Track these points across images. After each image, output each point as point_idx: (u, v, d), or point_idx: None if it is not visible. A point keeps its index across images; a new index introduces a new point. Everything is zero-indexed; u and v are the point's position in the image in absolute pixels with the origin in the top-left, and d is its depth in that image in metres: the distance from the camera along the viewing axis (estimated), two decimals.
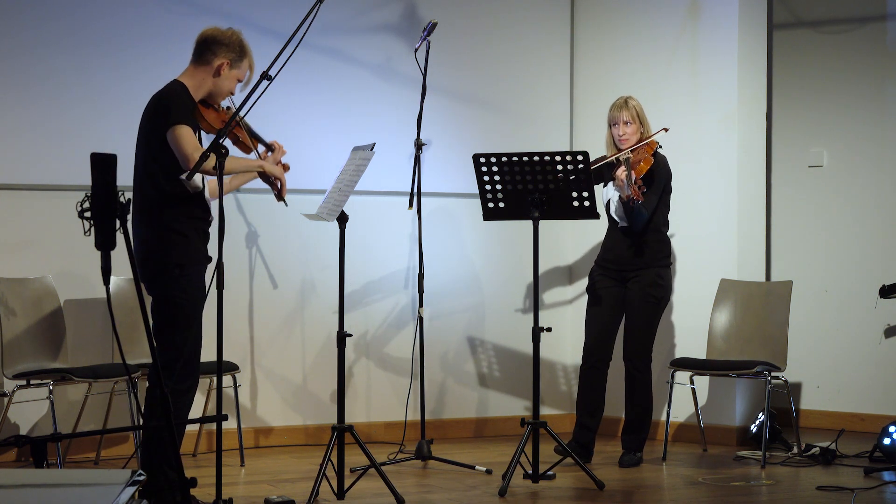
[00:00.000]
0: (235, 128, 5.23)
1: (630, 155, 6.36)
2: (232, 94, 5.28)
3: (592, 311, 6.56)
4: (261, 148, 5.39)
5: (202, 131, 5.24)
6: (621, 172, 6.21)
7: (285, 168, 5.42)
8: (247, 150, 5.35)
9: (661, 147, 6.46)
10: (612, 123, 6.48)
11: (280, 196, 5.36)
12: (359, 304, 7.19)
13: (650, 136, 6.43)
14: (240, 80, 5.28)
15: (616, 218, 6.50)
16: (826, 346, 7.72)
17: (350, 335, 5.67)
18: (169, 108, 5.08)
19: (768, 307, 6.92)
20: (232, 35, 5.27)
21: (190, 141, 5.03)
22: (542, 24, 7.74)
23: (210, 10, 6.88)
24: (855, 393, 7.62)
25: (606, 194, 6.55)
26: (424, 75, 6.61)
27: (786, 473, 6.28)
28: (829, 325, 7.72)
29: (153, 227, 5.13)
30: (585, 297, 6.68)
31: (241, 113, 5.00)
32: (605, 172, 6.53)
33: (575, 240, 7.71)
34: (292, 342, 7.13)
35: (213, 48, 5.23)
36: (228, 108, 5.30)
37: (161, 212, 5.11)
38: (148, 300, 6.52)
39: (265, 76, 4.98)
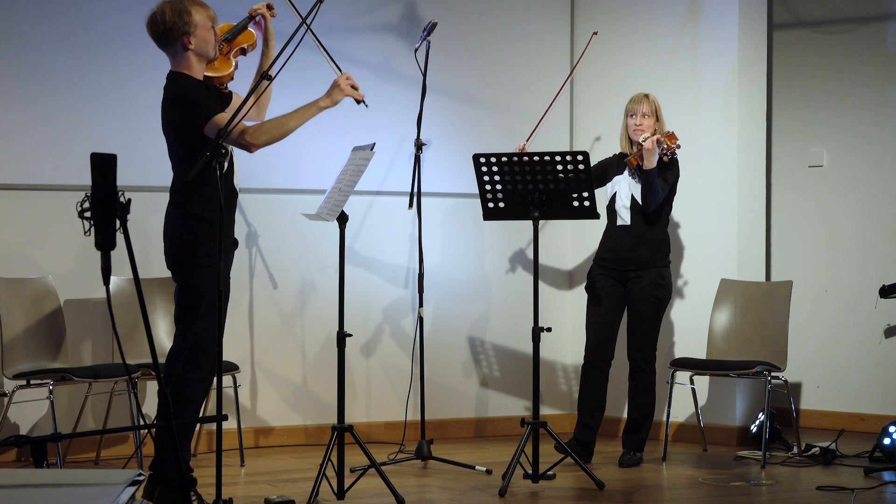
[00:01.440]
0: (233, 50, 5.29)
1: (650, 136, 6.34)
2: (218, 40, 5.19)
3: (593, 311, 6.56)
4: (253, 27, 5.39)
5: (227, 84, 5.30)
6: (653, 135, 6.27)
7: (345, 83, 5.25)
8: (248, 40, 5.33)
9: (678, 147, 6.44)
10: (629, 114, 6.49)
11: (359, 100, 5.31)
12: (359, 304, 7.18)
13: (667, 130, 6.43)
14: (211, 28, 5.15)
15: (619, 212, 6.48)
16: (826, 346, 7.72)
17: (350, 335, 5.67)
18: (191, 109, 5.07)
19: (768, 307, 6.92)
20: (164, 16, 5.11)
21: (225, 118, 5.00)
22: (542, 24, 7.74)
23: None
24: (855, 393, 7.62)
25: (612, 188, 6.54)
26: (424, 75, 6.61)
27: (786, 473, 6.28)
28: (829, 325, 7.72)
29: (180, 215, 5.14)
30: (585, 297, 6.67)
31: (241, 112, 4.99)
32: (609, 171, 6.54)
33: (575, 240, 7.71)
34: (292, 342, 7.13)
35: (166, 39, 5.14)
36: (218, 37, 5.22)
37: (187, 200, 5.10)
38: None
39: (265, 76, 4.98)
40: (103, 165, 3.58)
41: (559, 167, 5.91)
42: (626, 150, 6.54)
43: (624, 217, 6.48)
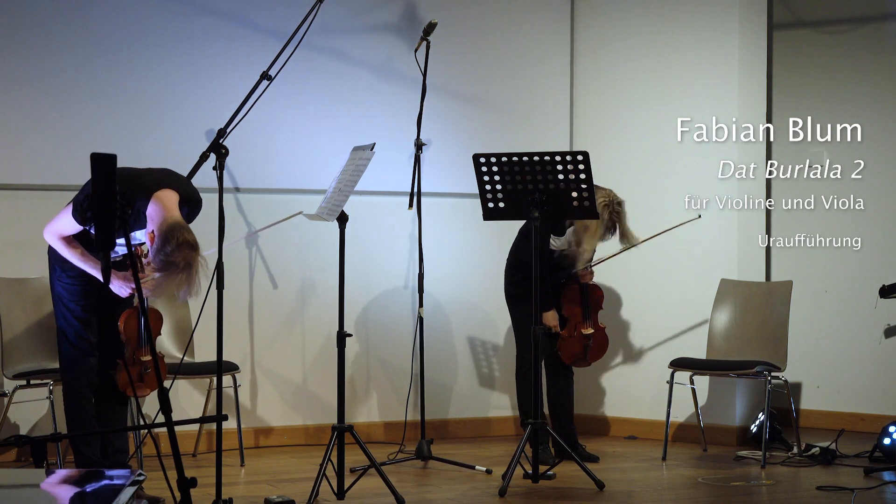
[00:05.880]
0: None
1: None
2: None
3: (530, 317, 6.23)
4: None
5: None
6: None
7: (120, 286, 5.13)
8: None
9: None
10: None
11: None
12: (359, 304, 7.18)
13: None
14: None
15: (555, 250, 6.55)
16: (826, 346, 7.72)
17: (350, 335, 5.67)
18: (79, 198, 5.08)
19: (768, 307, 6.92)
20: None
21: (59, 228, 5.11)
22: (542, 24, 7.73)
23: (210, 10, 6.88)
24: (855, 393, 7.62)
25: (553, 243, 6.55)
26: (424, 75, 6.61)
27: (786, 473, 6.28)
28: (829, 325, 7.72)
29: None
30: None
31: (242, 113, 4.99)
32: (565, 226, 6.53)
33: None
34: (292, 342, 7.13)
35: None
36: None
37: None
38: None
39: (265, 76, 4.98)
40: (103, 165, 3.58)
41: (559, 167, 5.91)
42: None
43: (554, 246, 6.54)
